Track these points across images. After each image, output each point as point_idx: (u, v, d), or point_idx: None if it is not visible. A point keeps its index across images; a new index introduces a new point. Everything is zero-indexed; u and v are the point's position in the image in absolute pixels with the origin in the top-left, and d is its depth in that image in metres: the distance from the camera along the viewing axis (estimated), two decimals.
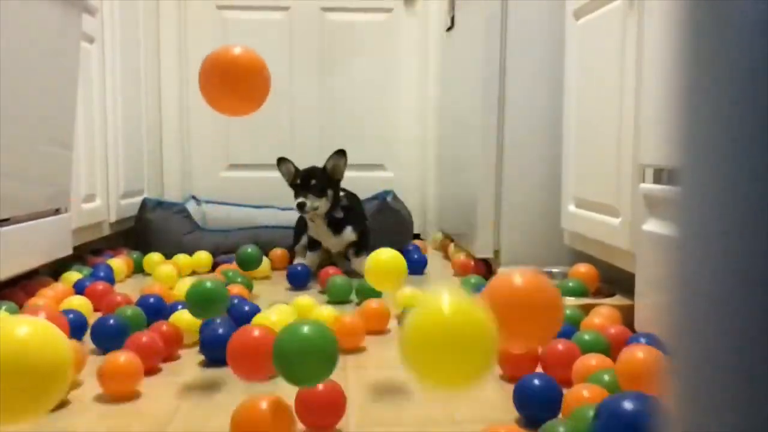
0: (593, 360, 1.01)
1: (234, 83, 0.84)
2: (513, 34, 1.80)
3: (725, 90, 0.24)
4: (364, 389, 1.07)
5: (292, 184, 1.99)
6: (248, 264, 1.86)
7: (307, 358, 0.80)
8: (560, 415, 0.90)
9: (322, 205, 1.96)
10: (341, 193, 2.05)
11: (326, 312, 1.35)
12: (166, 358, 1.20)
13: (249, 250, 1.89)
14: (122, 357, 1.04)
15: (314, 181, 1.95)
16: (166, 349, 1.19)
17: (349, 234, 2.03)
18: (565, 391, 0.92)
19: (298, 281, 1.88)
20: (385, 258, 1.21)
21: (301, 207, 1.92)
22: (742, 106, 0.23)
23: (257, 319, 1.26)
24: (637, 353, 0.90)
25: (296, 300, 1.44)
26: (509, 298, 0.67)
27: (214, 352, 1.16)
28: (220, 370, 1.16)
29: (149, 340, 1.15)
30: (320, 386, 0.86)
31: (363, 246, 2.03)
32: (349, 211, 2.04)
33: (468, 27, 2.08)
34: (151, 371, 1.13)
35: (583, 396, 0.87)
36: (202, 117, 2.74)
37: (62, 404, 1.00)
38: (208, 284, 1.12)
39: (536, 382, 0.93)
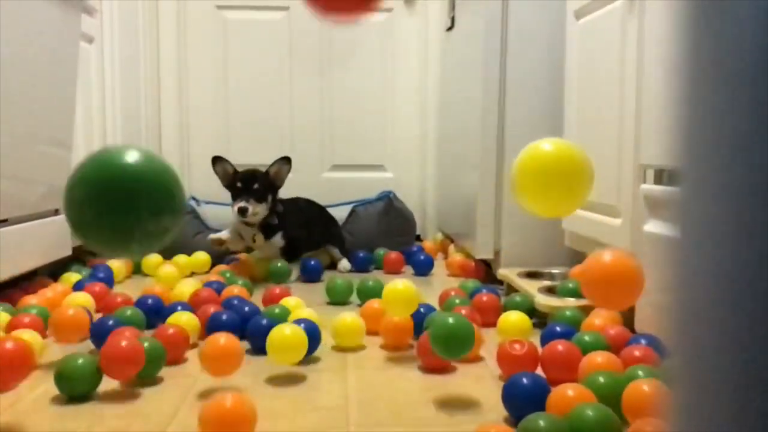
0: (599, 358, 1.00)
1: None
2: (513, 34, 1.80)
3: (726, 89, 0.24)
4: (364, 389, 1.07)
5: (231, 186, 1.95)
6: (279, 277, 1.93)
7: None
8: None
9: (262, 210, 1.93)
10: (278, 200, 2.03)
11: (306, 313, 1.33)
12: (173, 361, 1.18)
13: (279, 264, 1.95)
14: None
15: (257, 186, 1.91)
16: (173, 352, 1.18)
17: (278, 240, 1.99)
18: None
19: (312, 275, 2.00)
20: (400, 288, 1.25)
21: (242, 212, 1.88)
22: (744, 105, 0.23)
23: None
24: (643, 386, 0.88)
25: (283, 301, 1.44)
26: (601, 274, 0.79)
27: None
28: None
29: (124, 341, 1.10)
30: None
31: (291, 254, 2.01)
32: (282, 217, 2.00)
33: (468, 27, 2.08)
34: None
35: (567, 395, 0.87)
36: (201, 117, 2.74)
37: (62, 405, 1.00)
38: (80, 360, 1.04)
39: (524, 381, 0.93)
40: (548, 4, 1.78)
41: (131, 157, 0.67)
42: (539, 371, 1.06)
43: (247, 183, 1.91)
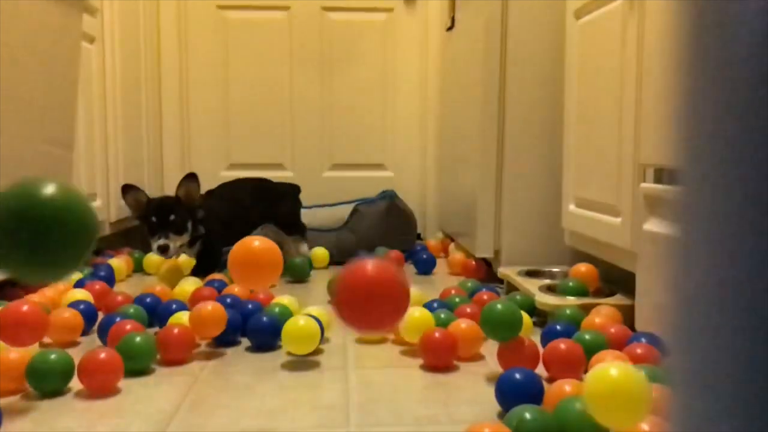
0: (609, 357, 1.01)
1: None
2: (513, 33, 1.80)
3: (725, 88, 0.24)
4: (364, 389, 1.07)
5: (144, 218, 1.74)
6: (297, 272, 1.93)
7: None
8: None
9: (183, 240, 1.76)
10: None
11: (315, 311, 1.34)
12: (178, 361, 1.19)
13: (297, 261, 1.92)
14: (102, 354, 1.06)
15: (173, 217, 1.72)
16: (178, 352, 1.18)
17: (197, 247, 1.84)
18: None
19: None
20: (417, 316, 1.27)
21: (163, 251, 1.70)
22: (742, 104, 0.23)
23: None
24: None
25: (277, 299, 1.44)
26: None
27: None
28: (221, 370, 1.16)
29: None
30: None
31: (205, 266, 1.83)
32: (204, 222, 1.82)
33: (468, 27, 2.08)
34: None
35: (564, 390, 0.88)
36: (202, 117, 2.74)
37: (62, 404, 1.00)
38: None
39: (517, 376, 0.93)
40: (548, 4, 1.78)
41: (43, 189, 0.68)
42: (542, 370, 1.06)
43: (162, 215, 1.71)
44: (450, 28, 2.37)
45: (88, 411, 0.98)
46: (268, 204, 2.07)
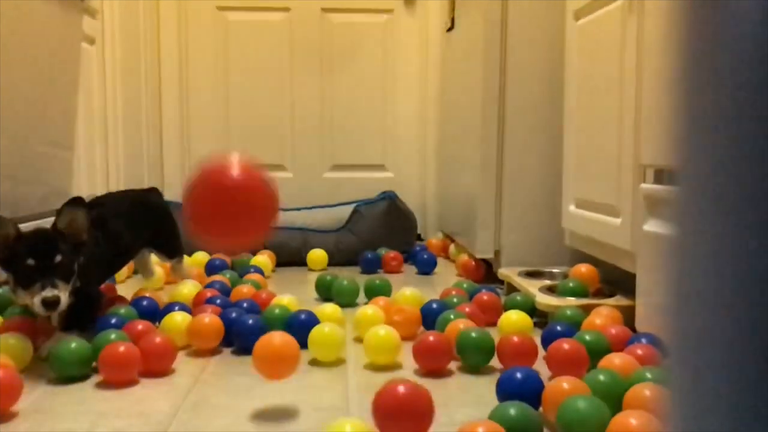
0: (616, 359, 1.01)
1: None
2: (513, 34, 1.80)
3: (723, 88, 0.24)
4: (364, 389, 1.07)
5: (9, 262, 1.16)
6: (347, 296, 1.66)
7: None
8: (540, 408, 0.90)
9: (68, 290, 1.17)
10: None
11: (329, 309, 1.35)
12: (160, 372, 1.14)
13: (345, 283, 1.67)
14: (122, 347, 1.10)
15: (60, 257, 1.16)
16: (159, 362, 1.14)
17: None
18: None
19: None
20: (382, 334, 1.19)
21: (52, 306, 1.13)
22: (741, 104, 0.23)
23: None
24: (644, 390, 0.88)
25: (276, 300, 1.43)
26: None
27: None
28: (221, 371, 1.16)
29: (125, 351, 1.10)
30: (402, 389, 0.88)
31: (80, 320, 1.23)
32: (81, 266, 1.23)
33: (468, 27, 2.08)
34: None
35: (562, 389, 0.88)
36: (202, 117, 2.74)
37: (63, 404, 1.00)
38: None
39: (518, 375, 0.94)
40: (548, 4, 1.78)
41: None
42: (544, 368, 1.06)
43: (43, 256, 1.15)
44: (450, 29, 2.37)
45: (89, 412, 0.98)
46: (143, 226, 1.56)
